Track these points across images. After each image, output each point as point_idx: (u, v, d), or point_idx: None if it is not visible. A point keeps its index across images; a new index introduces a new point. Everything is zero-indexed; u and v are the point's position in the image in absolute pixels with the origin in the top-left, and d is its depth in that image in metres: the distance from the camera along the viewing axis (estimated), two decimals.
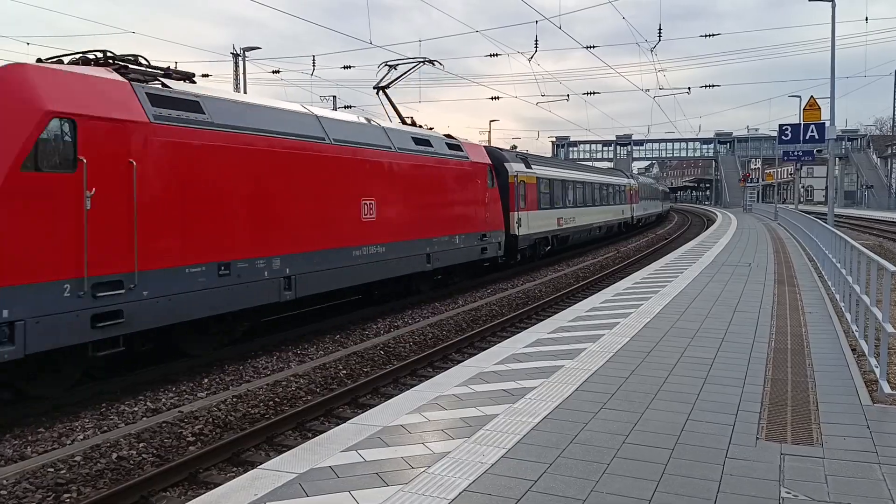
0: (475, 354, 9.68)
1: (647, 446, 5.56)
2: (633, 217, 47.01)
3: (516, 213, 23.76)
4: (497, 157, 23.58)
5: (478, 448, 5.52)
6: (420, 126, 19.90)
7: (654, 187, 61.65)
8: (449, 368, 8.68)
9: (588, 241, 35.59)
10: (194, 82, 11.74)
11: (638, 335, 9.80)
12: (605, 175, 41.76)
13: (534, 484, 4.84)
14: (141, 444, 7.94)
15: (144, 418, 8.88)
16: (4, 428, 8.49)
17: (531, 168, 26.19)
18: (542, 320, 12.77)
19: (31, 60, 9.56)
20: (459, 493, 4.69)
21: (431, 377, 8.31)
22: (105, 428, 8.52)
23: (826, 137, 24.45)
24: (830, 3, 24.12)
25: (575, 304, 13.85)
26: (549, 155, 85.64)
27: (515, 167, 24.22)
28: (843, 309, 11.64)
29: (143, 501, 6.71)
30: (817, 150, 37.91)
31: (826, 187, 47.18)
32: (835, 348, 9.05)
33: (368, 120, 16.53)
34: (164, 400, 9.66)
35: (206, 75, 40.70)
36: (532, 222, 25.48)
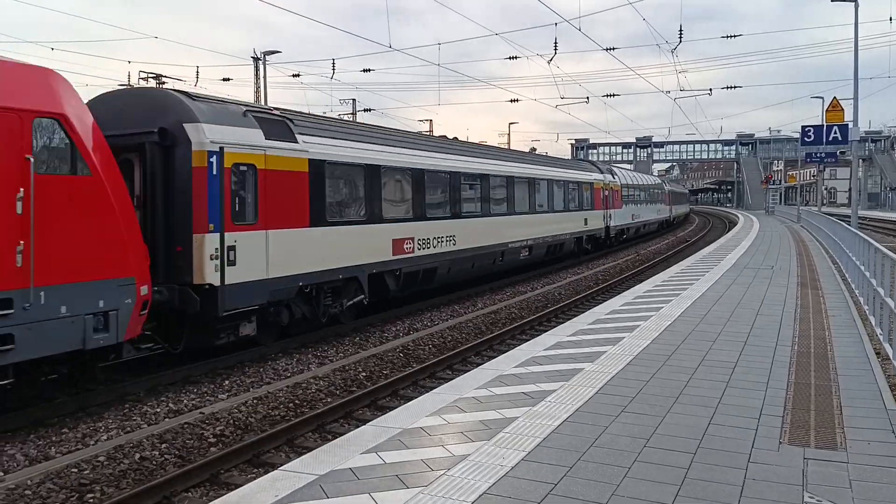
0: (494, 357, 9.67)
1: (668, 450, 5.52)
2: (607, 228, 32.13)
3: None
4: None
5: (497, 451, 5.51)
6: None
7: (652, 186, 45.49)
8: (468, 371, 8.68)
9: (485, 275, 21.20)
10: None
11: (658, 338, 9.75)
12: (540, 165, 25.54)
13: (554, 487, 4.83)
14: (163, 445, 8.01)
15: (167, 419, 8.96)
16: (29, 428, 8.60)
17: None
18: (561, 323, 12.73)
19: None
20: (479, 496, 4.69)
21: (451, 380, 8.32)
22: (128, 428, 8.60)
23: (849, 139, 24.19)
24: (853, 3, 23.88)
25: (594, 306, 13.80)
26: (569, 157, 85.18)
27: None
28: (867, 312, 11.51)
29: (166, 502, 6.76)
30: (840, 152, 37.55)
31: (849, 189, 46.66)
32: (859, 352, 8.95)
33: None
34: (185, 401, 9.73)
35: (227, 79, 41.05)
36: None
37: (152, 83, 35.93)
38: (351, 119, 43.95)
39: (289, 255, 12.12)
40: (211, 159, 10.70)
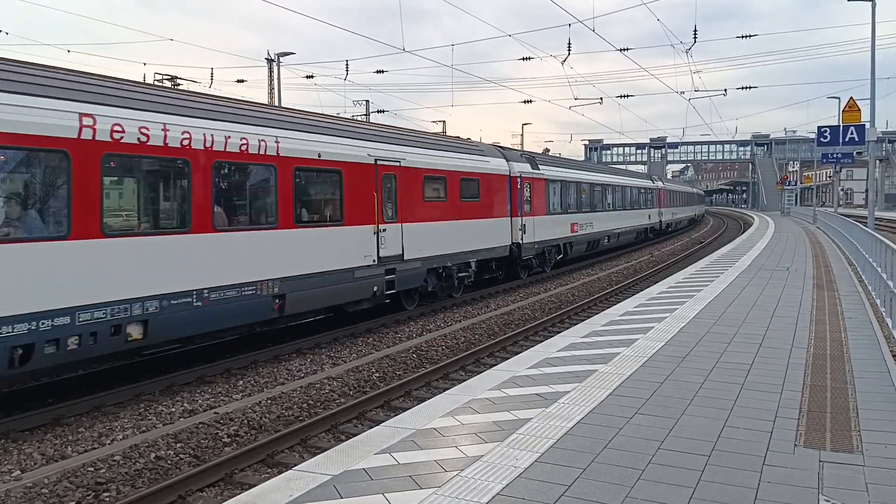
0: (508, 358, 9.66)
1: (682, 452, 5.50)
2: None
3: None
4: None
5: (511, 452, 5.51)
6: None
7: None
8: (482, 372, 8.68)
9: None
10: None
11: (673, 340, 9.71)
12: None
13: (568, 489, 4.82)
14: (178, 445, 8.06)
15: (181, 419, 9.01)
16: (46, 427, 8.68)
17: None
18: (575, 324, 12.71)
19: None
20: (493, 497, 4.69)
21: (464, 381, 8.32)
22: (144, 428, 8.66)
23: (866, 139, 24.04)
24: (871, 2, 23.69)
25: (608, 308, 13.76)
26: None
27: None
28: (883, 314, 11.42)
29: (181, 501, 6.81)
30: (857, 152, 37.20)
31: (866, 190, 46.27)
32: (875, 354, 8.88)
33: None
34: (200, 401, 9.79)
35: (242, 81, 41.28)
36: None
37: (167, 84, 36.17)
38: (365, 118, 44.00)
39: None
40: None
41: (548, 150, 67.42)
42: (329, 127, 13.91)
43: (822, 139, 25.63)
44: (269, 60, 40.01)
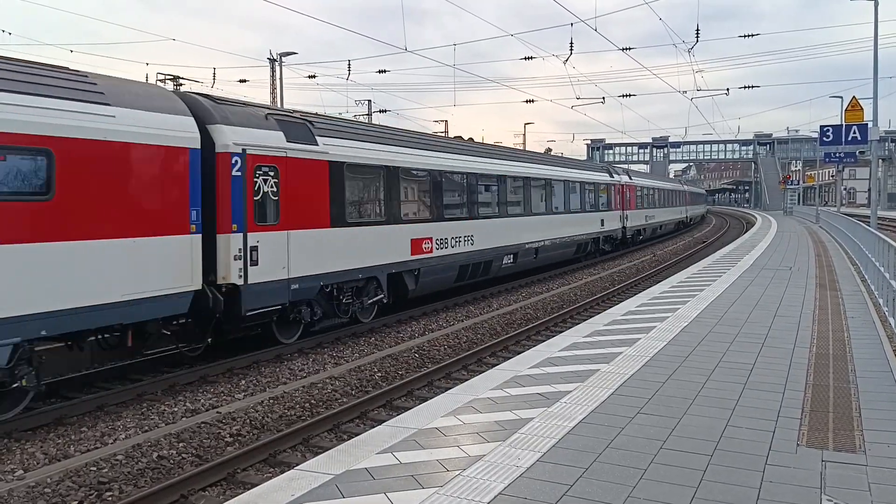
0: (510, 358, 9.66)
1: (685, 452, 5.50)
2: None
3: None
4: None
5: (513, 451, 5.51)
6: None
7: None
8: (484, 372, 8.69)
9: None
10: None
11: (675, 339, 9.70)
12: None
13: (570, 488, 4.82)
14: (181, 444, 8.07)
15: (184, 419, 9.02)
16: (49, 427, 8.69)
17: None
18: (577, 324, 12.70)
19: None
20: (495, 497, 4.69)
21: (466, 380, 8.32)
22: (146, 428, 8.67)
23: (869, 138, 23.99)
24: (873, 1, 23.65)
25: (610, 307, 13.76)
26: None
27: None
28: (886, 314, 11.40)
29: (183, 500, 6.81)
30: (860, 152, 37.14)
31: (869, 189, 46.22)
32: (878, 354, 8.86)
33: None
34: (202, 401, 9.80)
35: (244, 80, 41.27)
36: None
37: (170, 85, 36.21)
38: (367, 119, 44.00)
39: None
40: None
41: (549, 149, 67.31)
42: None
43: (824, 138, 25.57)
44: (272, 60, 40.01)
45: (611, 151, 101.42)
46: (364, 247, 14.01)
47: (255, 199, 11.29)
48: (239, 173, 11.05)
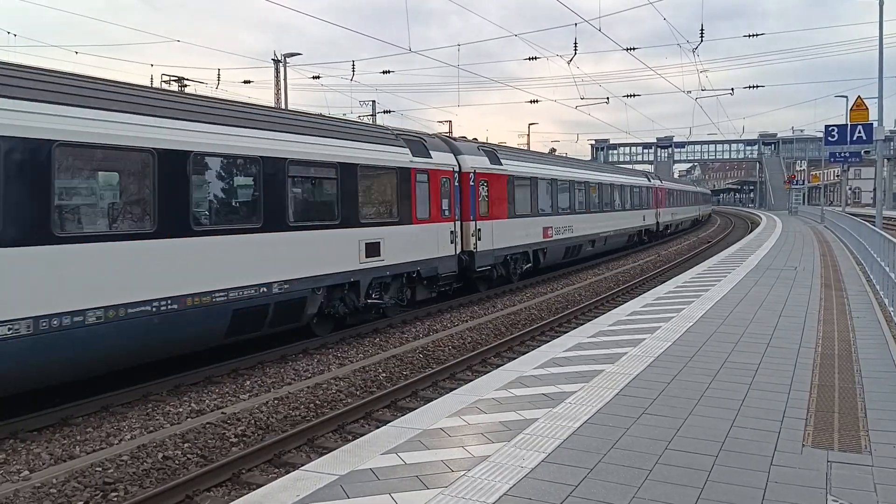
0: (515, 358, 9.66)
1: (689, 452, 5.49)
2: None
3: None
4: None
5: (518, 452, 5.51)
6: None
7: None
8: (488, 372, 8.69)
9: None
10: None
11: (680, 340, 9.69)
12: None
13: (574, 489, 4.81)
14: (186, 445, 8.08)
15: (189, 419, 9.03)
16: (54, 428, 8.71)
17: None
18: (581, 324, 12.69)
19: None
20: (500, 497, 4.69)
21: (471, 381, 8.32)
22: (151, 428, 8.69)
23: (874, 138, 23.90)
24: (878, 0, 23.57)
25: (615, 308, 13.74)
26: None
27: None
28: (892, 314, 11.36)
29: (188, 500, 6.82)
30: (865, 152, 37.02)
31: (874, 189, 46.07)
32: (883, 354, 8.84)
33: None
34: (207, 401, 9.81)
35: (248, 81, 41.35)
36: None
37: (174, 86, 36.30)
38: (371, 120, 44.03)
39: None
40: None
41: (553, 149, 67.23)
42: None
43: (829, 138, 25.49)
44: (276, 61, 40.06)
45: (615, 152, 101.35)
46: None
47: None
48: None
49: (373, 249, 14.11)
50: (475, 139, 23.85)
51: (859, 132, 23.84)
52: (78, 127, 8.80)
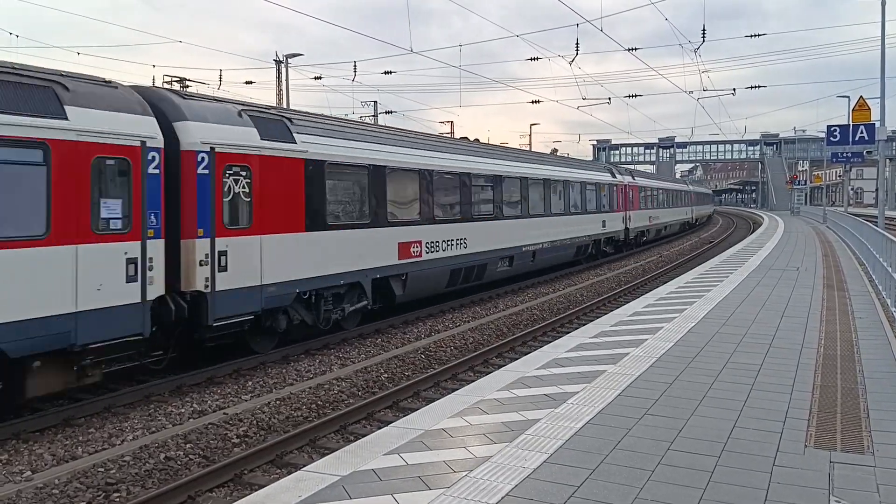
0: (517, 359, 9.66)
1: (692, 453, 5.48)
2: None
3: None
4: None
5: (520, 453, 5.50)
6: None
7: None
8: (490, 373, 8.68)
9: None
10: None
11: (682, 340, 9.68)
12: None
13: (577, 490, 4.81)
14: (188, 445, 8.09)
15: (191, 420, 9.04)
16: (56, 428, 8.71)
17: None
18: (583, 325, 12.68)
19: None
20: (502, 498, 4.69)
21: (473, 381, 8.31)
22: (153, 429, 8.69)
23: (876, 138, 23.87)
24: (880, 0, 23.55)
25: (617, 308, 13.73)
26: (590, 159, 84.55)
27: None
28: (894, 314, 11.34)
29: (190, 501, 6.83)
30: (867, 152, 36.98)
31: (876, 189, 46.01)
32: (886, 354, 8.83)
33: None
34: (209, 402, 9.82)
35: (250, 82, 41.36)
36: None
37: (176, 86, 36.31)
38: (372, 120, 44.03)
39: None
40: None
41: (556, 150, 67.19)
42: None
43: (831, 138, 25.47)
44: (278, 62, 40.09)
45: (617, 152, 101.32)
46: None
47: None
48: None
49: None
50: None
51: (861, 132, 23.82)
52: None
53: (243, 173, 11.20)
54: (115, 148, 9.32)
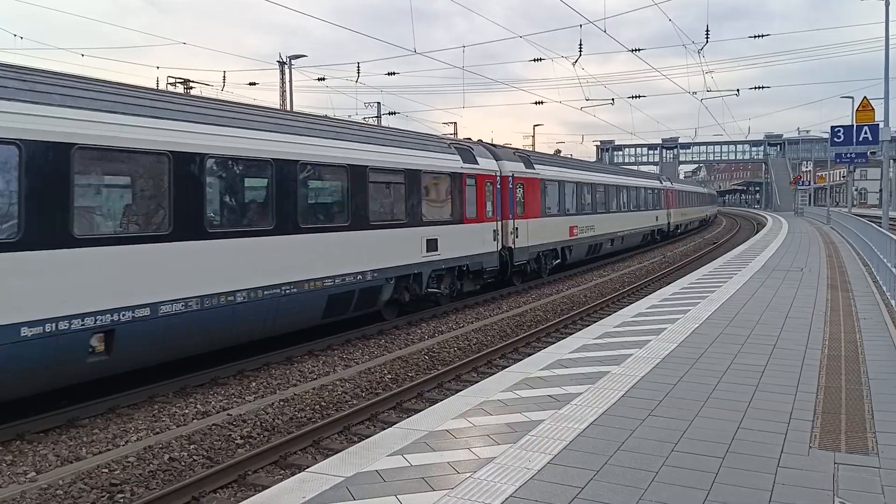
0: (520, 360, 9.65)
1: (696, 454, 5.48)
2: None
3: None
4: None
5: (524, 454, 5.50)
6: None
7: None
8: (494, 374, 8.68)
9: None
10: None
11: (686, 341, 9.67)
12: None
13: (581, 491, 4.81)
14: (192, 446, 8.10)
15: (195, 420, 9.05)
16: (61, 429, 8.73)
17: None
18: (587, 326, 12.68)
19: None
20: (506, 499, 4.68)
21: (476, 382, 8.31)
22: (157, 429, 8.70)
23: (880, 139, 23.84)
24: (884, 1, 23.52)
25: (621, 309, 13.72)
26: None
27: None
28: None
29: (194, 502, 6.83)
30: (871, 152, 36.90)
31: (880, 190, 45.91)
32: (890, 355, 8.81)
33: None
34: (213, 403, 9.83)
35: (253, 83, 41.46)
36: None
37: (180, 88, 36.40)
38: (376, 121, 44.08)
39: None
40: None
41: (559, 150, 67.19)
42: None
43: (835, 139, 25.44)
44: (281, 63, 40.15)
45: (620, 153, 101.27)
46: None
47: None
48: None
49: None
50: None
51: (865, 133, 23.79)
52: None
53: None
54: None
